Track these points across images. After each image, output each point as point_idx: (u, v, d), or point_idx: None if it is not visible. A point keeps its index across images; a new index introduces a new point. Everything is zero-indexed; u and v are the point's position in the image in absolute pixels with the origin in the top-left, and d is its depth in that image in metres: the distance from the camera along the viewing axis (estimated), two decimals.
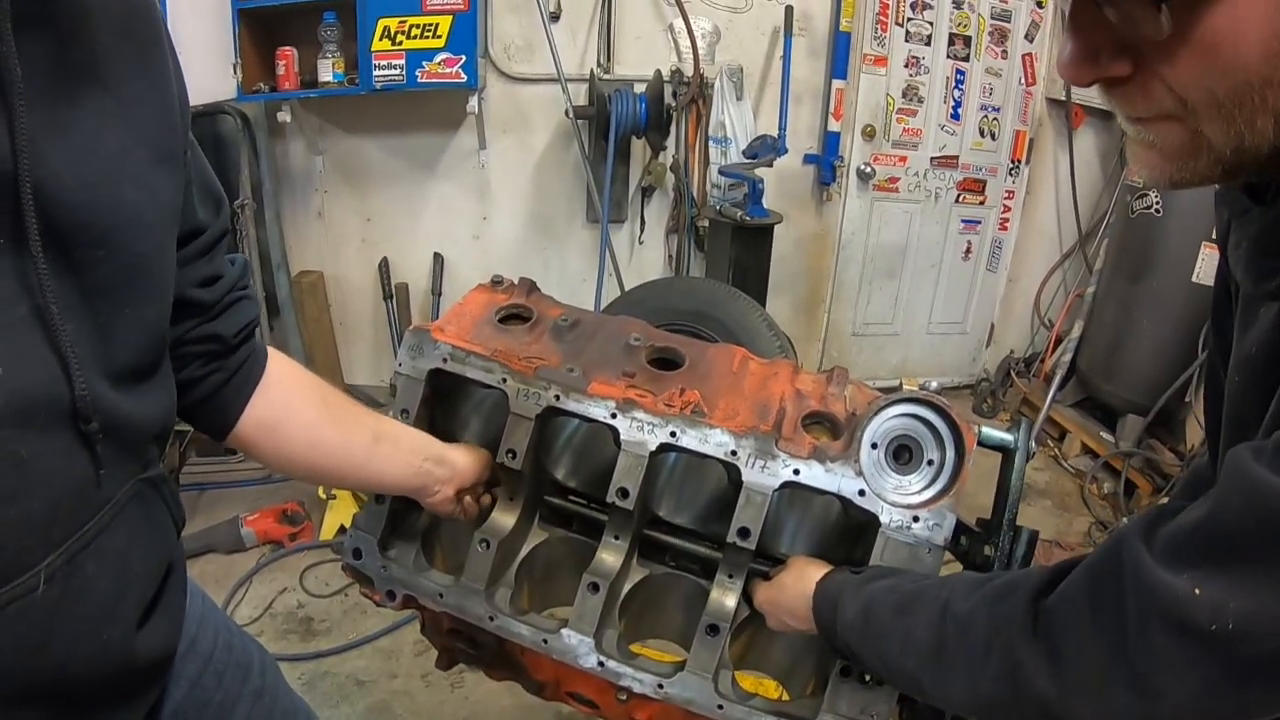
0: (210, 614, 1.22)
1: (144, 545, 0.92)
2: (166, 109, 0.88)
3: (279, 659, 2.86)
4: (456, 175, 4.39)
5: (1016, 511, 1.30)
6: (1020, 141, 5.12)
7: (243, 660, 1.24)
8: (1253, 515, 0.71)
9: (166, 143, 0.89)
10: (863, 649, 1.12)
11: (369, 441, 1.28)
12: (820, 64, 4.62)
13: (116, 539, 0.85)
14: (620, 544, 1.43)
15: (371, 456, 1.29)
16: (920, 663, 1.02)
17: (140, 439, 0.90)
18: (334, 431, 1.24)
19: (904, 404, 1.33)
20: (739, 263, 4.16)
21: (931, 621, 1.02)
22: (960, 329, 5.51)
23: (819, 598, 1.22)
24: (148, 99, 0.86)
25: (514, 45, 4.19)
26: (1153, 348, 4.32)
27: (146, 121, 0.85)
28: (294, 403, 1.20)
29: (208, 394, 1.09)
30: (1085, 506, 4.30)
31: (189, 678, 1.13)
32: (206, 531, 3.47)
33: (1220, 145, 0.69)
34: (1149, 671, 0.77)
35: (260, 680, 1.26)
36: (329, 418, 1.24)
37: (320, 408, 1.23)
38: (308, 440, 1.22)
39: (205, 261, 1.03)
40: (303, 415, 1.21)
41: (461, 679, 2.86)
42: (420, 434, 1.41)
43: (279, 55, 3.64)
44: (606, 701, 1.39)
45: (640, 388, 1.38)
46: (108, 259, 0.80)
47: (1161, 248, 4.18)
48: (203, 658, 1.16)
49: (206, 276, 1.04)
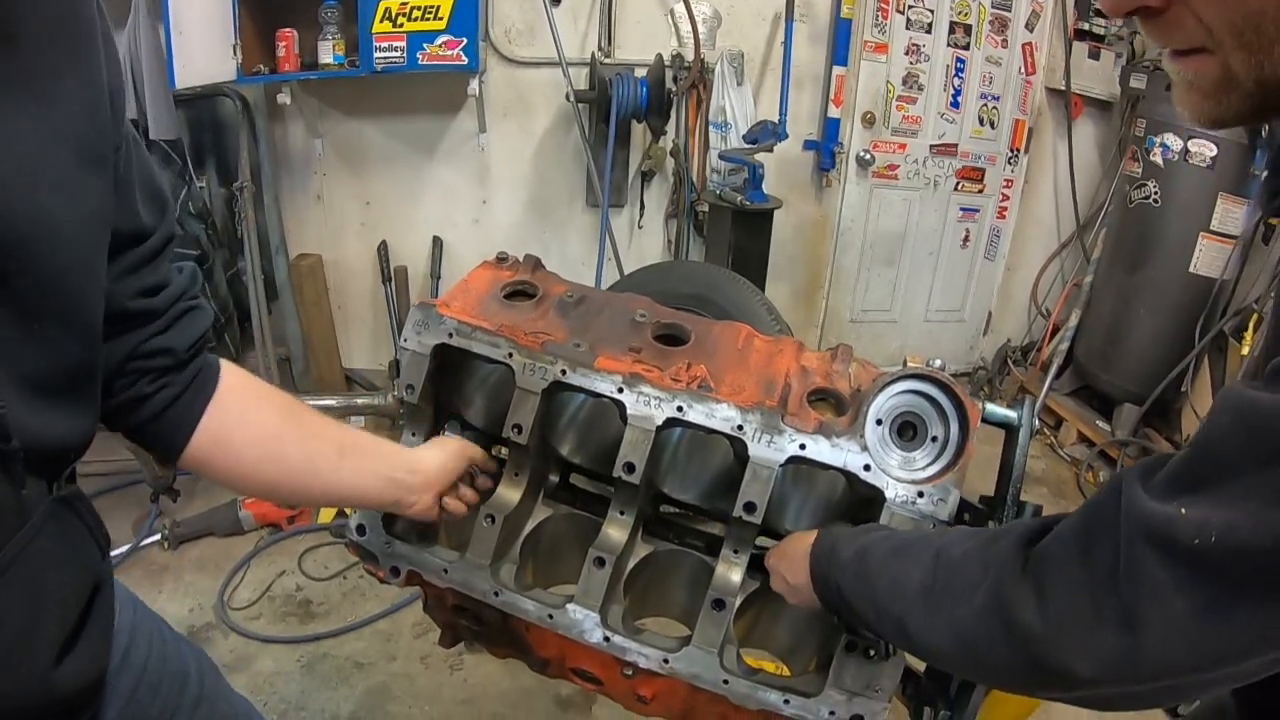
0: (144, 624, 1.16)
1: (62, 571, 0.86)
2: (95, 107, 0.83)
3: (277, 641, 2.92)
4: (456, 159, 4.38)
5: (1020, 487, 1.30)
6: (1019, 130, 5.12)
7: (179, 670, 1.19)
8: (1240, 430, 0.70)
9: (94, 145, 0.83)
10: (855, 592, 1.12)
11: (334, 453, 1.21)
12: (821, 50, 4.61)
13: (31, 566, 0.80)
14: (626, 519, 1.44)
15: (338, 469, 1.22)
16: (908, 604, 1.02)
17: (60, 459, 0.85)
18: (295, 444, 1.17)
19: (909, 380, 1.33)
20: (739, 247, 4.16)
21: (924, 563, 1.02)
22: (958, 317, 5.52)
23: (817, 544, 1.22)
24: (75, 96, 0.80)
25: (515, 28, 4.17)
26: (1150, 337, 4.33)
27: (72, 122, 0.80)
28: (249, 415, 1.13)
29: (158, 410, 1.03)
30: (1081, 494, 4.32)
31: (123, 694, 1.08)
32: (205, 515, 3.46)
33: (1244, 77, 0.70)
34: (1134, 602, 0.76)
35: (198, 689, 1.21)
36: (289, 429, 1.17)
37: (278, 419, 1.16)
38: (265, 454, 1.14)
39: (149, 269, 0.97)
40: (259, 428, 1.14)
41: (461, 661, 2.86)
42: (390, 443, 1.35)
43: (279, 37, 3.62)
44: (611, 677, 1.40)
45: (646, 363, 1.38)
46: (20, 273, 0.74)
47: (1159, 238, 4.18)
48: (136, 671, 1.11)
49: (151, 285, 0.98)
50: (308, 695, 2.75)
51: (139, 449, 3.09)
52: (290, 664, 2.87)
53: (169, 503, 3.44)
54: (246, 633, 2.97)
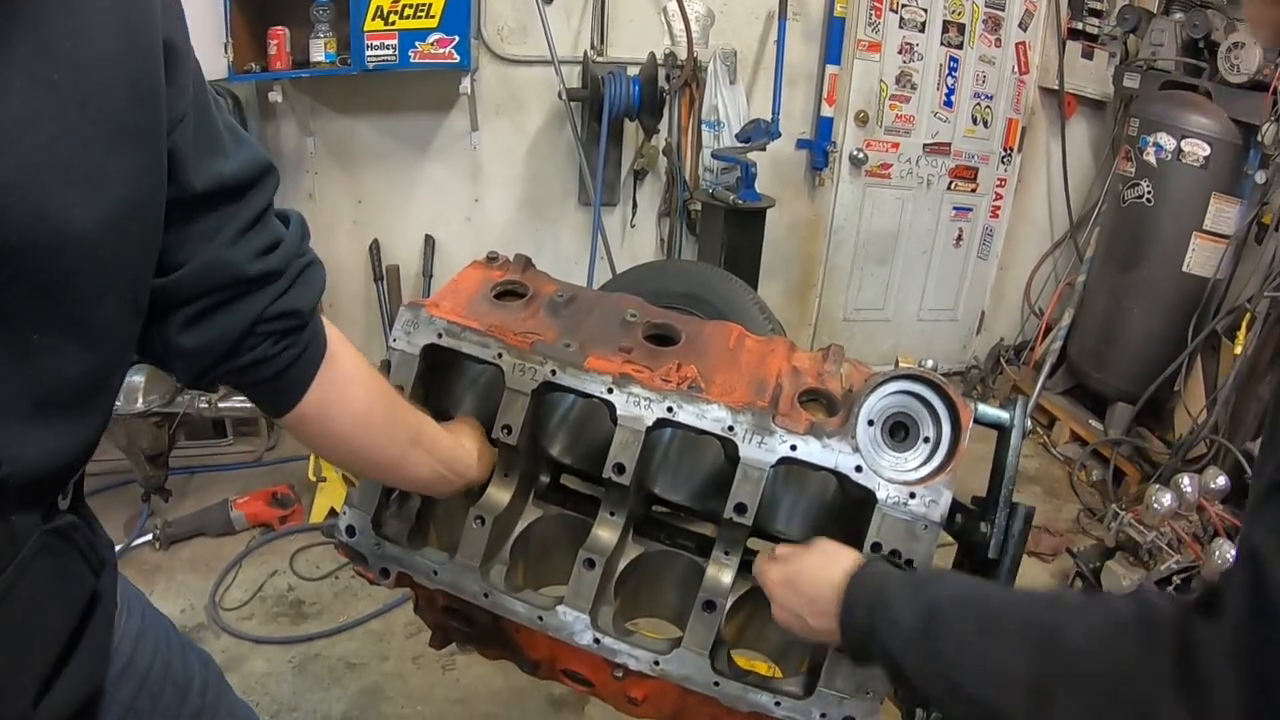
0: (150, 631, 1.14)
1: (49, 609, 0.80)
2: (140, 70, 0.72)
3: (269, 642, 2.91)
4: (448, 157, 4.36)
5: (1013, 489, 1.30)
6: (1013, 129, 5.13)
7: (181, 680, 1.17)
8: None
9: (133, 118, 0.72)
10: (919, 668, 0.97)
11: (407, 443, 1.22)
12: (814, 49, 4.61)
13: (13, 610, 0.73)
14: (616, 520, 1.43)
15: (405, 459, 1.23)
16: (1009, 698, 0.87)
17: (55, 481, 0.78)
18: (381, 425, 1.17)
19: (900, 381, 1.33)
20: (731, 246, 4.15)
21: (1030, 649, 0.87)
22: (951, 316, 5.53)
23: (854, 590, 1.09)
24: (111, 59, 0.69)
25: (507, 26, 4.16)
26: (1143, 337, 4.33)
27: (106, 93, 0.69)
28: (350, 389, 1.11)
29: (279, 370, 1.00)
30: (1074, 493, 4.33)
31: (123, 702, 1.06)
32: (196, 515, 3.45)
33: None
34: None
35: (200, 700, 1.19)
36: (379, 410, 1.16)
37: (372, 397, 1.15)
38: (356, 428, 1.14)
39: (260, 228, 0.92)
40: (356, 403, 1.12)
41: (453, 661, 2.86)
42: (446, 436, 1.34)
43: (271, 35, 3.61)
44: (602, 679, 1.39)
45: (637, 363, 1.37)
46: (8, 284, 0.65)
47: (1153, 237, 4.19)
48: (138, 679, 1.09)
49: (267, 244, 0.93)
50: (300, 696, 2.74)
51: (131, 449, 3.09)
52: (282, 664, 2.86)
53: (160, 502, 3.42)
54: (238, 633, 2.96)
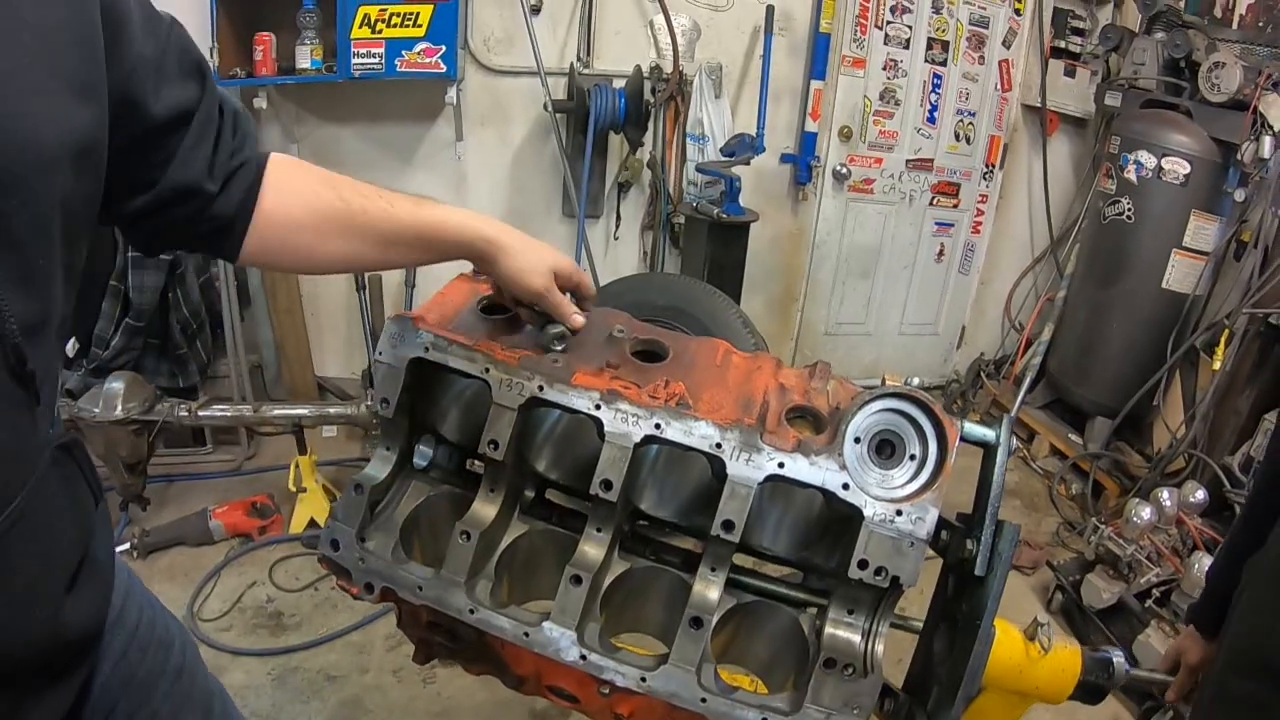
0: (135, 588, 1.20)
1: (66, 517, 0.91)
2: (85, 32, 0.82)
3: (248, 654, 2.88)
4: (433, 166, 4.36)
5: (999, 507, 1.31)
6: (995, 146, 5.17)
7: (165, 638, 1.22)
8: None
9: (84, 75, 0.82)
10: None
11: (404, 198, 1.24)
12: (799, 64, 4.63)
13: (41, 512, 0.84)
14: (603, 536, 1.42)
15: (417, 206, 1.24)
16: None
17: (55, 387, 0.88)
18: (349, 191, 1.21)
19: (887, 399, 1.33)
20: (714, 260, 4.17)
21: None
22: (932, 330, 5.56)
23: None
24: (63, 27, 0.79)
25: (494, 37, 4.17)
26: (1122, 351, 4.37)
27: (61, 53, 0.79)
28: (291, 183, 1.19)
29: (204, 233, 1.09)
30: (1054, 507, 4.36)
31: (116, 651, 1.11)
32: (175, 524, 3.42)
33: None
34: None
35: (181, 658, 1.24)
36: (335, 184, 1.22)
37: (317, 179, 1.22)
38: (321, 212, 1.20)
39: (201, 144, 1.02)
40: (304, 195, 1.20)
41: (434, 674, 2.84)
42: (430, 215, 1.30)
43: (257, 40, 3.60)
44: (588, 695, 1.38)
45: (624, 379, 1.37)
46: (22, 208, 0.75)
47: (1133, 253, 4.23)
48: (128, 630, 1.14)
49: (210, 160, 1.03)
50: (279, 708, 2.72)
51: (109, 457, 3.05)
52: (261, 676, 2.83)
53: (138, 511, 3.40)
54: (217, 645, 2.93)
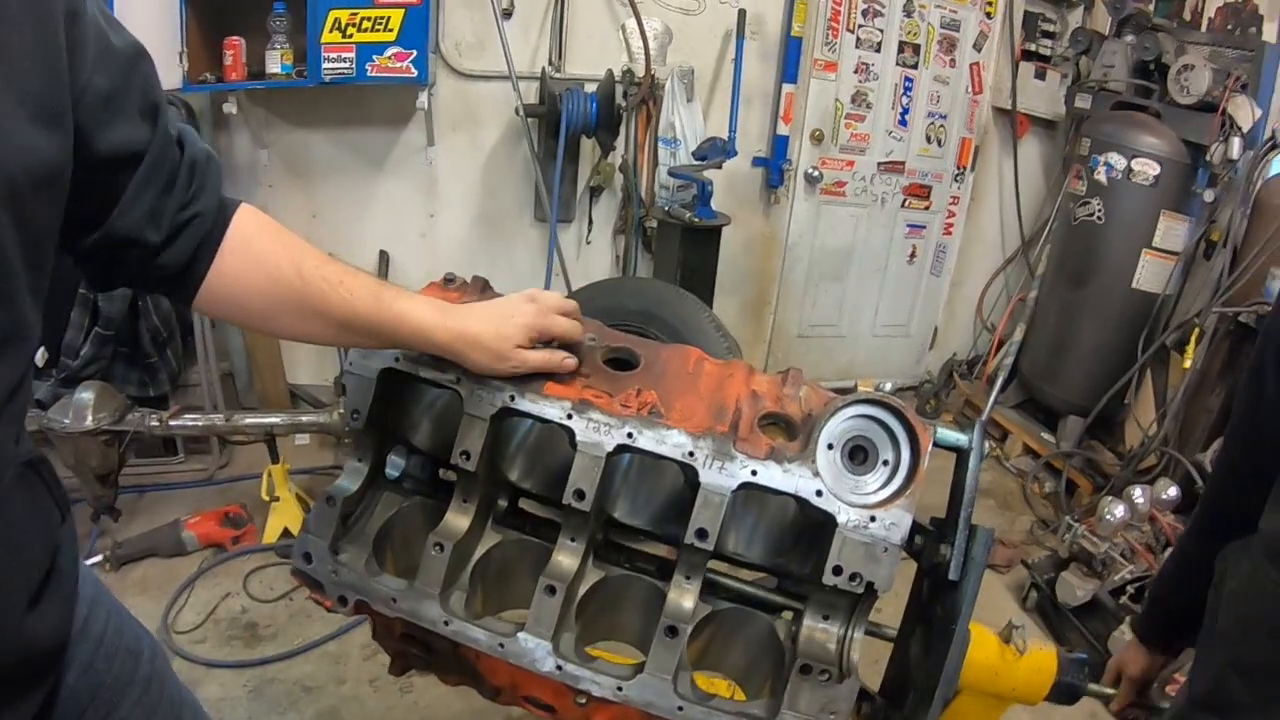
0: (102, 597, 1.18)
1: (30, 532, 0.91)
2: (51, 56, 0.81)
3: (223, 666, 2.85)
4: (404, 172, 4.33)
5: (972, 511, 1.31)
6: (966, 149, 5.21)
7: (134, 646, 1.21)
8: None
9: (50, 99, 0.80)
10: None
11: (371, 282, 1.24)
12: (771, 68, 4.65)
13: (3, 528, 0.85)
14: (576, 546, 1.42)
15: (379, 298, 1.24)
16: None
17: (23, 408, 0.88)
18: (311, 266, 1.20)
19: (859, 405, 1.33)
20: (687, 264, 4.17)
21: None
22: (904, 331, 5.59)
23: None
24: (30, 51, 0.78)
25: (465, 41, 4.15)
26: (1093, 351, 4.42)
27: (30, 76, 0.78)
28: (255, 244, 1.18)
29: (152, 283, 1.07)
30: (1027, 505, 4.39)
31: (82, 661, 1.10)
32: (147, 535, 3.38)
33: None
34: None
35: (150, 667, 1.23)
36: (298, 255, 1.21)
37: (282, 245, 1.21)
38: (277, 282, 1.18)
39: (145, 190, 0.98)
40: (270, 272, 1.18)
41: (411, 684, 2.82)
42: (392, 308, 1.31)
43: (226, 45, 3.56)
44: (564, 705, 1.38)
45: (596, 388, 1.37)
46: None
47: (1103, 254, 4.27)
48: (94, 640, 1.13)
49: (154, 209, 0.99)
50: None
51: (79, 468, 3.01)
52: (237, 688, 2.80)
53: (110, 523, 3.35)
54: (192, 657, 2.90)
